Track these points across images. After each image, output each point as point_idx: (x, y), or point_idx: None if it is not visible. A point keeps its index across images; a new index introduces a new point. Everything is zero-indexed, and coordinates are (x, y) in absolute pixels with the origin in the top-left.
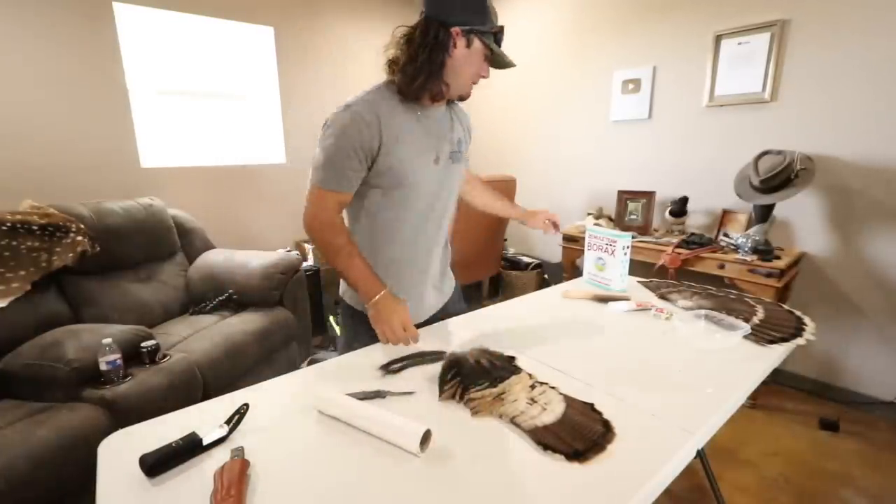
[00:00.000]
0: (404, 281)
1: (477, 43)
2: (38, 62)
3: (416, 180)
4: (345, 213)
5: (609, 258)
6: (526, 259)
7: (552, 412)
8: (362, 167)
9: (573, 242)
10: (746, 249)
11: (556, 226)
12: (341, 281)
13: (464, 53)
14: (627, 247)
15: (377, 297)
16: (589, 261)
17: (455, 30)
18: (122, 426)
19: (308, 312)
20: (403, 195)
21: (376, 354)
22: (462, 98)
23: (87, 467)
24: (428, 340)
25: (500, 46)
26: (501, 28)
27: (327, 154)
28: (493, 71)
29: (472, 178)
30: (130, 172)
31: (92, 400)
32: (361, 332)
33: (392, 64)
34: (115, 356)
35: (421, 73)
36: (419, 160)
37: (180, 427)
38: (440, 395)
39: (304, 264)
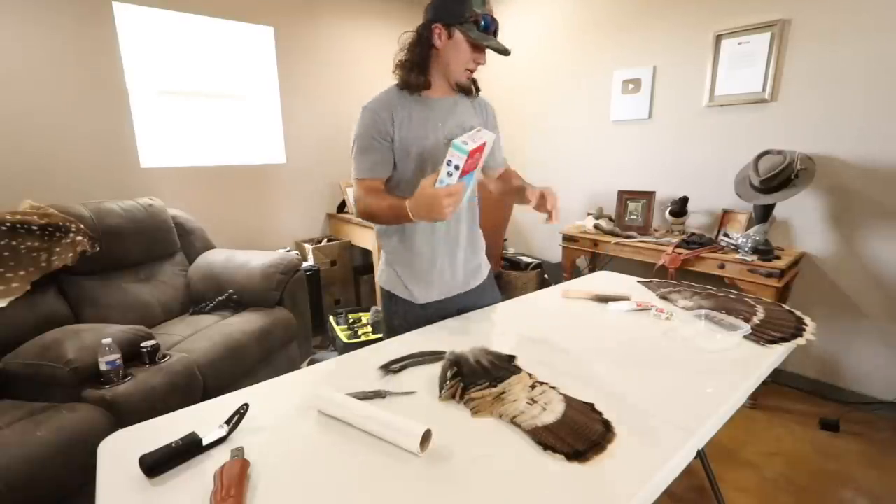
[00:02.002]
0: (424, 256)
1: (458, 34)
2: (38, 62)
3: (422, 153)
4: None
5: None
6: (526, 259)
7: (552, 412)
8: (386, 149)
9: (573, 242)
10: (746, 249)
11: (549, 213)
12: (378, 271)
13: (447, 45)
14: (456, 165)
15: (406, 206)
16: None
17: (435, 25)
18: (122, 426)
19: (308, 312)
20: (418, 173)
21: (376, 354)
22: (460, 85)
23: (87, 467)
24: (428, 340)
25: (489, 32)
26: (482, 15)
27: (357, 149)
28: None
29: (508, 169)
30: (130, 172)
31: (92, 400)
32: (398, 313)
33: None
34: (115, 356)
35: (413, 66)
36: (425, 137)
37: (180, 427)
38: (440, 395)
39: (304, 264)
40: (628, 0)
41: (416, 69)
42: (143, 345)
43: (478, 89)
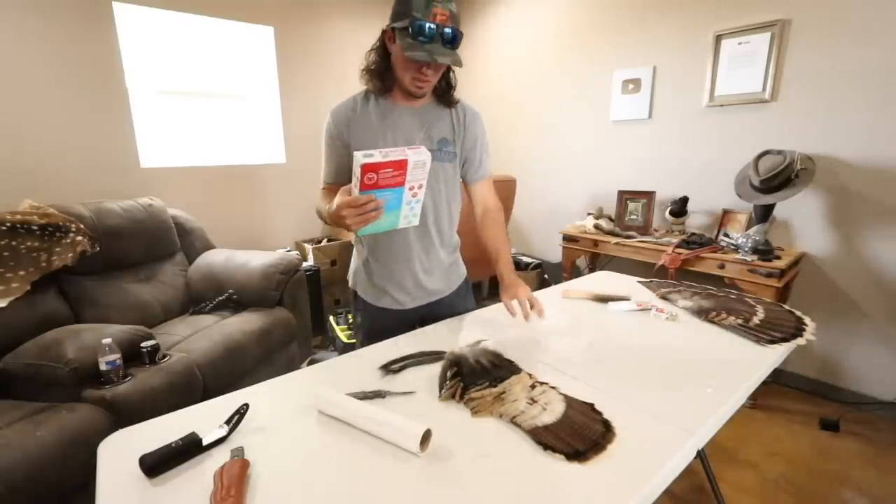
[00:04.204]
0: (387, 266)
1: (398, 41)
2: (38, 62)
3: None
4: None
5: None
6: (526, 259)
7: (552, 412)
8: (345, 156)
9: (573, 242)
10: (746, 249)
11: (530, 309)
12: (350, 275)
13: (396, 52)
14: (358, 176)
15: (326, 215)
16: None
17: (386, 29)
18: (122, 426)
19: (308, 312)
20: None
21: (376, 354)
22: (411, 94)
23: (87, 467)
24: (428, 340)
25: (426, 40)
26: (416, 21)
27: (323, 154)
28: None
29: (490, 209)
30: (130, 172)
31: (92, 400)
32: (377, 321)
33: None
34: (115, 356)
35: (370, 71)
36: (375, 144)
37: (180, 427)
38: (440, 395)
39: (304, 264)
40: (628, 0)
41: (372, 74)
42: (143, 345)
43: (451, 100)
